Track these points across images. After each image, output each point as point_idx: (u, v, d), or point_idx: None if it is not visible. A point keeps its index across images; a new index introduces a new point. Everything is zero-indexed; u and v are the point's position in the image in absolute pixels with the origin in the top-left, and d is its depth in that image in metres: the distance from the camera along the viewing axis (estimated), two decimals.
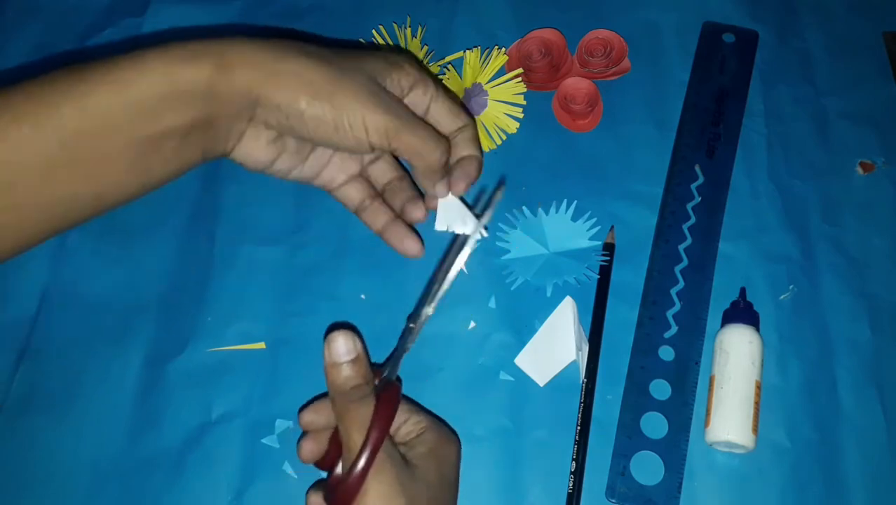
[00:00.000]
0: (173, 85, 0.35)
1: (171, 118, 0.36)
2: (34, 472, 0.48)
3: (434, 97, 0.43)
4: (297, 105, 0.37)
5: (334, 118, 0.38)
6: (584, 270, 0.52)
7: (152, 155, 0.36)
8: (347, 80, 0.38)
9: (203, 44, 0.37)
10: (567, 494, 0.46)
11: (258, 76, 0.37)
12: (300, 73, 0.37)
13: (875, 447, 0.47)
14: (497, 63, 0.57)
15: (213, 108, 0.37)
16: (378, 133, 0.39)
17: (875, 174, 0.56)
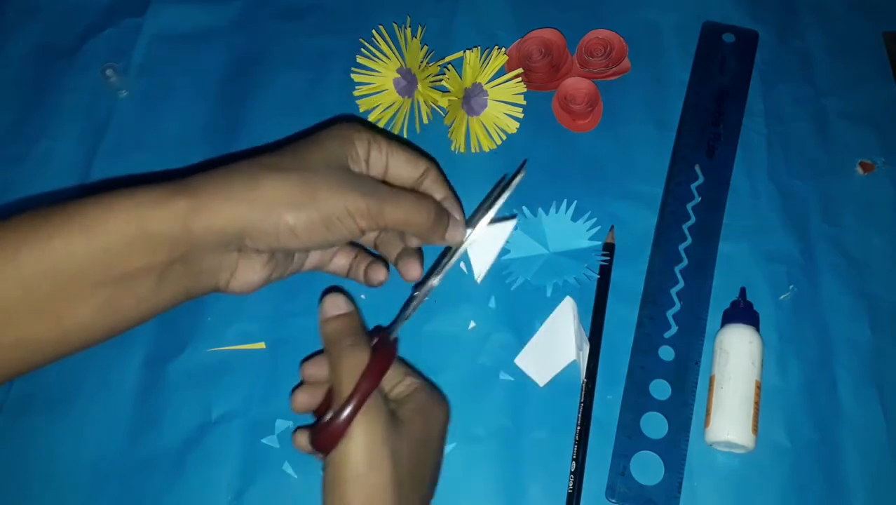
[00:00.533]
0: (143, 229, 0.35)
1: (141, 261, 0.35)
2: (34, 472, 0.48)
3: (389, 152, 0.43)
4: (285, 224, 0.37)
5: (323, 220, 0.38)
6: (584, 270, 0.52)
7: (123, 297, 0.36)
8: (319, 179, 0.38)
9: (174, 184, 0.36)
10: (567, 494, 0.46)
11: (236, 210, 0.36)
12: (276, 192, 0.37)
13: (875, 447, 0.47)
14: (497, 63, 0.57)
15: (189, 247, 0.36)
16: (363, 216, 0.39)
17: (875, 174, 0.56)
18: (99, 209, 0.35)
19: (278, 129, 0.59)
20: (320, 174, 0.38)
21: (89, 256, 0.34)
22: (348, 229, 0.39)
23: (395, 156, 0.43)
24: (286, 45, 0.63)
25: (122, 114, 0.61)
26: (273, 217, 0.37)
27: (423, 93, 0.57)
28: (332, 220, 0.38)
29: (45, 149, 0.59)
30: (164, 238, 0.35)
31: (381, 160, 0.43)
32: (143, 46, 0.63)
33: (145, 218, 0.35)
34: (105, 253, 0.34)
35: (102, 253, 0.34)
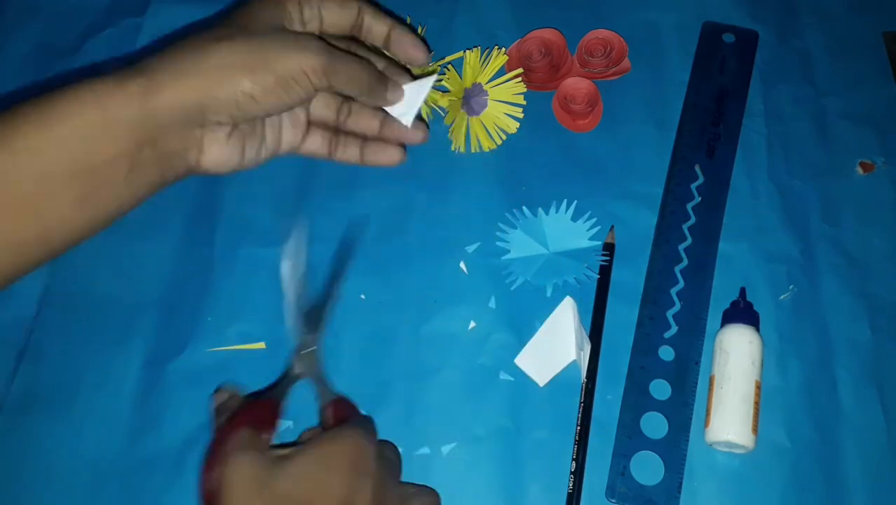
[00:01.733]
0: (104, 116, 0.35)
1: (109, 148, 0.35)
2: (34, 472, 0.48)
3: (320, 5, 0.43)
4: (242, 89, 0.37)
5: (278, 81, 0.38)
6: (584, 269, 0.52)
7: (99, 188, 0.36)
8: (268, 41, 0.38)
9: (127, 69, 0.36)
10: (567, 494, 0.46)
11: (192, 82, 0.37)
12: (228, 59, 0.37)
13: (875, 447, 0.47)
14: (497, 63, 0.57)
15: (153, 127, 0.36)
16: (317, 74, 0.39)
17: (875, 174, 0.56)
18: (59, 102, 0.35)
19: None
20: (268, 38, 0.38)
21: (57, 150, 0.34)
22: (304, 89, 0.39)
23: (326, 6, 0.43)
24: None
25: None
26: (229, 84, 0.37)
27: None
28: (287, 80, 0.38)
29: None
30: (126, 121, 0.35)
31: (316, 14, 0.43)
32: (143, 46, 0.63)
33: (105, 105, 0.35)
34: (72, 144, 0.35)
35: (69, 145, 0.35)
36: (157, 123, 0.36)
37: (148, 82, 0.36)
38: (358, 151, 0.48)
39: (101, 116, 0.35)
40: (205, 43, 0.38)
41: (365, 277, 0.53)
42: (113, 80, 0.36)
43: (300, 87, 0.39)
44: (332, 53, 0.40)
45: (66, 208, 0.36)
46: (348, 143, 0.48)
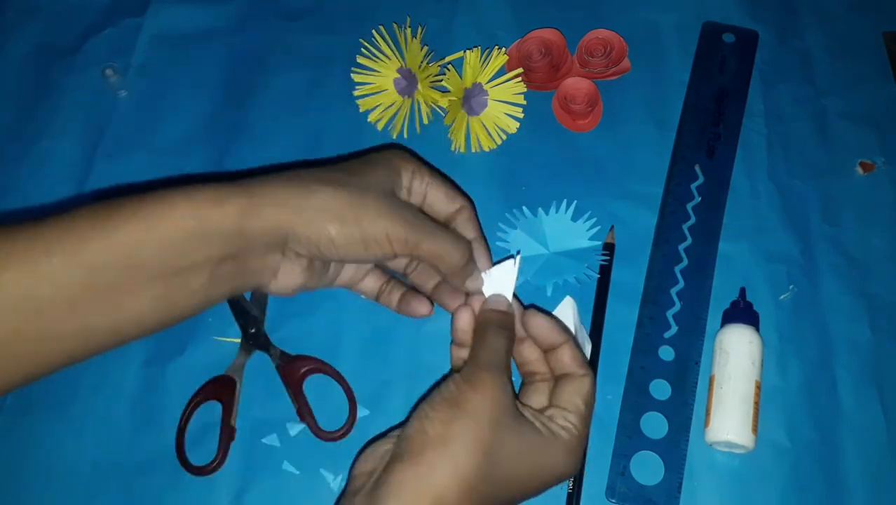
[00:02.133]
0: (201, 225, 0.36)
1: (197, 256, 0.37)
2: (34, 472, 0.48)
3: (430, 184, 0.45)
4: (327, 234, 0.39)
5: (362, 238, 0.39)
6: (584, 269, 0.52)
7: (177, 290, 0.37)
8: (367, 200, 0.40)
9: (230, 185, 0.38)
10: (567, 494, 0.46)
11: (286, 214, 0.38)
12: (325, 204, 0.39)
13: (875, 447, 0.47)
14: (497, 63, 0.57)
15: (241, 246, 0.38)
16: (400, 244, 0.40)
17: (875, 174, 0.56)
18: (160, 206, 0.36)
19: (278, 129, 0.59)
20: (369, 196, 0.40)
21: (150, 249, 0.35)
22: (383, 251, 0.40)
23: (434, 188, 0.45)
24: (286, 45, 0.63)
25: (122, 114, 0.61)
26: (318, 226, 0.39)
27: (423, 93, 0.57)
28: (370, 240, 0.40)
29: (45, 149, 0.59)
30: (219, 235, 0.37)
31: (421, 190, 0.45)
32: (143, 46, 0.63)
33: (203, 216, 0.36)
34: (164, 247, 0.36)
35: (162, 247, 0.36)
36: (246, 242, 0.38)
37: (247, 202, 0.37)
38: (397, 299, 0.48)
39: (198, 226, 0.36)
40: (311, 181, 0.39)
41: None
42: (213, 194, 0.37)
43: (380, 249, 0.40)
44: (424, 228, 0.41)
45: (144, 305, 0.37)
46: (393, 290, 0.48)
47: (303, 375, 0.49)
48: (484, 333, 0.42)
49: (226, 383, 0.49)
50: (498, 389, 0.38)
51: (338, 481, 0.47)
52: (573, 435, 0.40)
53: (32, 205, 0.57)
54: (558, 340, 0.43)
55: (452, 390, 0.38)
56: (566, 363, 0.43)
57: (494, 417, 0.37)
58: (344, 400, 0.49)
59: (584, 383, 0.42)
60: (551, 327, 0.43)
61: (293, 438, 0.48)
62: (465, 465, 0.36)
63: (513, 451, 0.38)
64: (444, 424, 0.37)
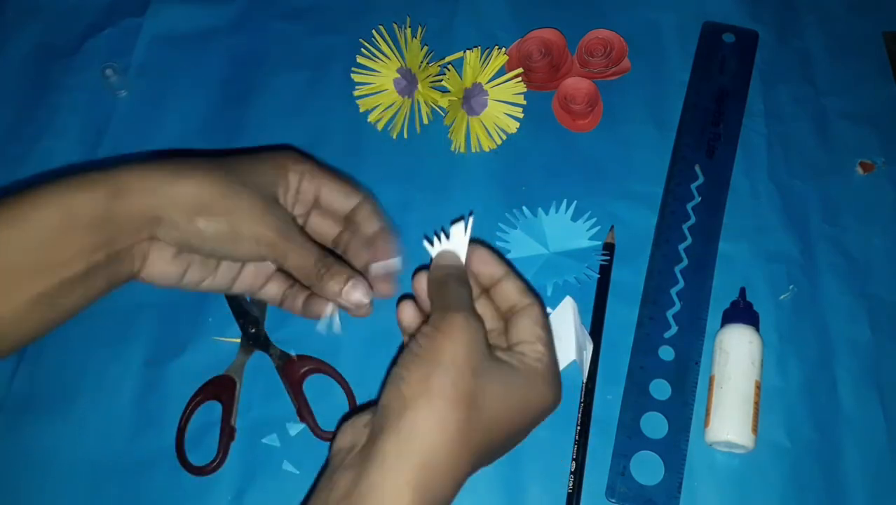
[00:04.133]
0: (68, 215, 0.36)
1: (69, 248, 0.36)
2: (34, 472, 0.48)
3: (321, 183, 0.44)
4: (194, 224, 0.38)
5: (230, 233, 0.39)
6: (584, 269, 0.52)
7: (55, 288, 0.37)
8: (242, 197, 0.39)
9: (99, 172, 0.37)
10: (567, 494, 0.46)
11: (154, 200, 0.38)
12: (195, 192, 0.38)
13: (875, 447, 0.47)
14: (497, 63, 0.57)
15: (111, 232, 0.37)
16: (270, 248, 0.40)
17: (875, 174, 0.56)
18: (24, 204, 0.36)
19: (278, 129, 0.59)
20: (245, 193, 0.39)
21: (20, 248, 0.35)
22: (251, 253, 0.40)
23: (327, 186, 0.44)
24: (286, 45, 0.63)
25: (122, 114, 0.61)
26: (185, 214, 0.38)
27: (423, 93, 0.57)
28: (239, 238, 0.39)
29: (45, 149, 0.59)
30: (88, 223, 0.36)
31: (312, 190, 0.44)
32: (143, 46, 0.63)
33: (70, 205, 0.36)
34: (34, 244, 0.36)
35: (32, 244, 0.35)
36: (114, 229, 0.37)
37: (114, 189, 0.37)
38: (301, 303, 0.47)
39: (65, 216, 0.36)
40: (184, 168, 0.39)
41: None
42: (80, 181, 0.37)
43: (249, 249, 0.40)
44: (291, 237, 0.41)
45: (23, 307, 0.36)
46: (297, 294, 0.47)
47: (303, 375, 0.49)
48: (444, 284, 0.40)
49: (226, 383, 0.49)
50: (472, 331, 0.36)
51: None
52: (546, 363, 0.39)
53: None
54: (499, 273, 0.41)
55: (423, 344, 0.36)
56: (511, 295, 0.41)
57: (472, 361, 0.35)
58: (344, 400, 0.49)
59: (535, 310, 0.40)
60: (491, 260, 0.42)
61: (293, 438, 0.48)
62: (449, 419, 0.34)
63: (497, 393, 0.36)
64: (420, 381, 0.34)
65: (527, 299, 0.41)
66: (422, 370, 0.35)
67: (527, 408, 0.38)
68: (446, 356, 0.35)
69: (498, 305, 0.42)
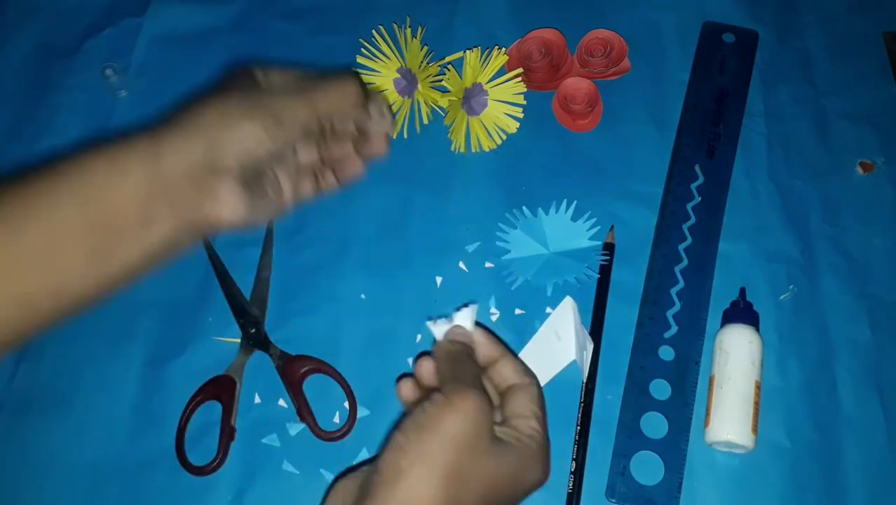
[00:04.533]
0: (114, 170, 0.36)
1: (119, 200, 0.36)
2: (34, 472, 0.48)
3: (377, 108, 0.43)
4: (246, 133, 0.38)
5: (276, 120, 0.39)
6: (584, 269, 0.52)
7: (111, 242, 0.36)
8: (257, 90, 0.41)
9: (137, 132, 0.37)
10: (567, 494, 0.46)
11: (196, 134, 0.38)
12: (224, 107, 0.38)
13: (875, 447, 0.47)
14: (497, 63, 0.57)
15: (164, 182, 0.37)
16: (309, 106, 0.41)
17: (875, 174, 0.56)
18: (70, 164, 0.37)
19: None
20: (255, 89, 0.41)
21: (69, 204, 0.36)
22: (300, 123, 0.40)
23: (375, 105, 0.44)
24: (286, 45, 0.63)
25: (122, 114, 0.61)
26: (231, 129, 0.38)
27: (423, 93, 0.57)
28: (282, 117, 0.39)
29: (45, 149, 0.59)
30: (136, 174, 0.36)
31: None
32: (143, 46, 0.63)
33: (114, 161, 0.36)
34: (83, 198, 0.36)
35: (81, 199, 0.36)
36: (168, 177, 0.37)
37: (154, 139, 0.37)
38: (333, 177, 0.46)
39: (111, 172, 0.36)
40: (200, 104, 0.39)
41: (365, 276, 0.53)
42: (121, 142, 0.37)
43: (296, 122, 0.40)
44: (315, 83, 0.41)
45: (79, 264, 0.36)
46: (326, 174, 0.46)
47: (303, 375, 0.49)
48: (458, 360, 0.40)
49: (226, 383, 0.49)
50: (482, 409, 0.36)
51: None
52: (539, 441, 0.39)
53: None
54: (495, 355, 0.42)
55: (430, 413, 0.36)
56: (509, 376, 0.42)
57: (474, 439, 0.36)
58: (344, 400, 0.49)
59: (533, 389, 0.41)
60: (489, 342, 0.42)
61: (293, 438, 0.48)
62: (440, 495, 0.34)
63: (490, 471, 0.36)
64: (418, 453, 0.35)
65: (525, 379, 0.42)
66: (422, 442, 0.35)
67: (515, 485, 0.38)
68: (450, 430, 0.35)
69: (496, 383, 0.43)
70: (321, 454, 0.47)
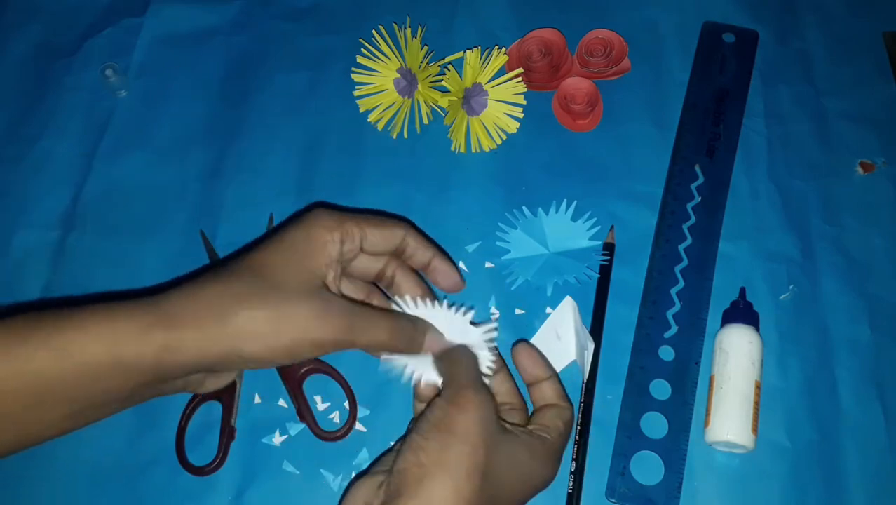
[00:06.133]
0: (117, 358, 0.35)
1: (112, 385, 0.36)
2: (34, 472, 0.47)
3: (362, 237, 0.42)
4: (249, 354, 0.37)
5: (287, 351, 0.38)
6: (584, 269, 0.52)
7: (91, 410, 0.37)
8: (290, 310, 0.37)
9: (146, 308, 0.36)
10: (567, 494, 0.46)
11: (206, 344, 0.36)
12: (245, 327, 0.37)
13: (875, 447, 0.47)
14: (497, 63, 0.57)
15: (162, 374, 0.36)
16: (330, 346, 0.39)
17: (875, 174, 0.56)
18: (76, 333, 0.35)
19: (278, 130, 0.59)
20: (291, 304, 0.37)
21: (61, 377, 0.34)
22: (312, 355, 0.39)
23: (368, 237, 0.42)
24: (286, 45, 0.63)
25: (122, 114, 0.61)
26: (238, 350, 0.37)
27: (423, 93, 0.57)
28: (295, 350, 0.38)
29: (45, 149, 0.59)
30: (137, 368, 0.36)
31: (356, 245, 0.42)
32: (143, 46, 0.63)
33: (120, 348, 0.35)
34: (76, 377, 0.35)
35: (73, 376, 0.35)
36: (166, 373, 0.36)
37: (166, 337, 0.35)
38: None
39: (112, 359, 0.35)
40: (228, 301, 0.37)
41: None
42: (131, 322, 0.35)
43: (309, 353, 0.39)
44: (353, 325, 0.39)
45: (53, 421, 0.36)
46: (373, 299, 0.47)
47: (303, 375, 0.49)
48: (453, 356, 0.41)
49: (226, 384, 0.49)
50: (484, 406, 0.37)
51: (338, 481, 0.47)
52: (553, 439, 0.41)
53: (30, 206, 0.57)
54: (543, 375, 0.44)
55: (439, 415, 0.37)
56: (549, 397, 0.43)
57: (485, 435, 0.37)
58: (344, 400, 0.49)
59: (567, 412, 0.43)
60: (537, 362, 0.43)
61: (293, 438, 0.48)
62: (465, 489, 0.35)
63: (506, 465, 0.38)
64: (439, 451, 0.36)
65: (564, 403, 0.44)
66: (439, 440, 0.36)
67: (530, 480, 0.40)
68: (461, 428, 0.36)
69: (535, 399, 0.44)
70: (321, 454, 0.47)
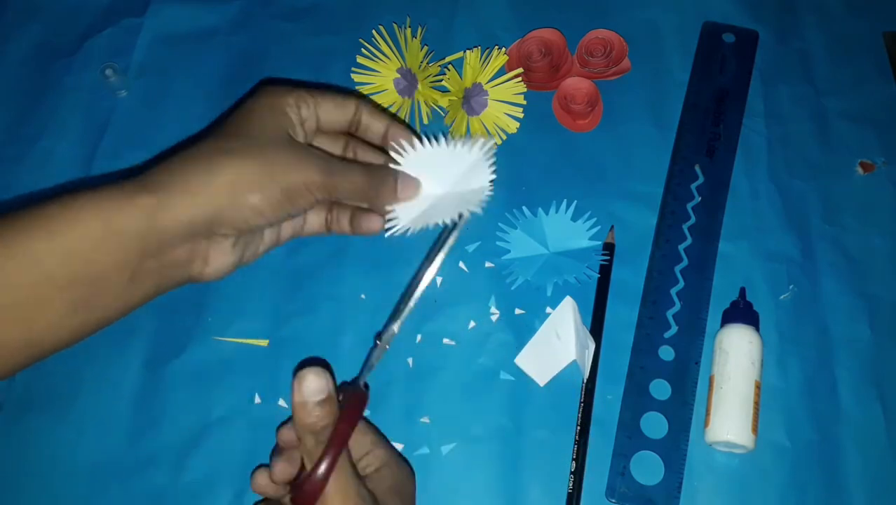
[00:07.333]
0: (108, 227, 0.35)
1: (109, 260, 0.35)
2: (34, 472, 0.48)
3: (316, 105, 0.43)
4: (250, 205, 0.37)
5: (283, 194, 0.38)
6: (584, 269, 0.52)
7: (95, 296, 0.36)
8: (273, 155, 0.38)
9: (134, 181, 0.36)
10: (567, 494, 0.46)
11: (202, 201, 0.36)
12: (237, 177, 0.37)
13: (875, 447, 0.47)
14: (497, 63, 0.57)
15: (159, 242, 0.36)
16: (319, 188, 0.39)
17: (875, 174, 0.56)
18: (63, 211, 0.35)
19: None
20: (272, 150, 0.39)
21: (58, 259, 0.34)
22: (307, 201, 0.39)
23: (322, 106, 0.43)
24: (286, 45, 0.63)
25: (122, 114, 0.61)
26: (238, 202, 0.37)
27: (423, 93, 0.57)
28: (292, 193, 0.38)
29: (45, 149, 0.59)
30: (131, 235, 0.35)
31: (312, 113, 0.43)
32: (143, 46, 0.63)
33: (109, 218, 0.35)
34: (73, 255, 0.34)
35: (68, 255, 0.34)
36: (164, 238, 0.36)
37: (156, 198, 0.36)
38: (348, 222, 0.47)
39: (105, 229, 0.35)
40: (213, 156, 0.38)
41: (365, 276, 0.53)
42: (118, 193, 0.35)
43: (303, 200, 0.39)
44: (332, 168, 0.40)
45: (59, 314, 0.36)
46: (340, 216, 0.47)
47: None
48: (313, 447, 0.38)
49: None
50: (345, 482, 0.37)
51: None
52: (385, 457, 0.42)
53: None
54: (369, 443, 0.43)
55: None
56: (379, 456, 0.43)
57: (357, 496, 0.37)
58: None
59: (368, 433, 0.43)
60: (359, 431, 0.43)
61: None
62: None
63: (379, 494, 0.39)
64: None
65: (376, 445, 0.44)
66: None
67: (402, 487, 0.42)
68: None
69: None
70: None
